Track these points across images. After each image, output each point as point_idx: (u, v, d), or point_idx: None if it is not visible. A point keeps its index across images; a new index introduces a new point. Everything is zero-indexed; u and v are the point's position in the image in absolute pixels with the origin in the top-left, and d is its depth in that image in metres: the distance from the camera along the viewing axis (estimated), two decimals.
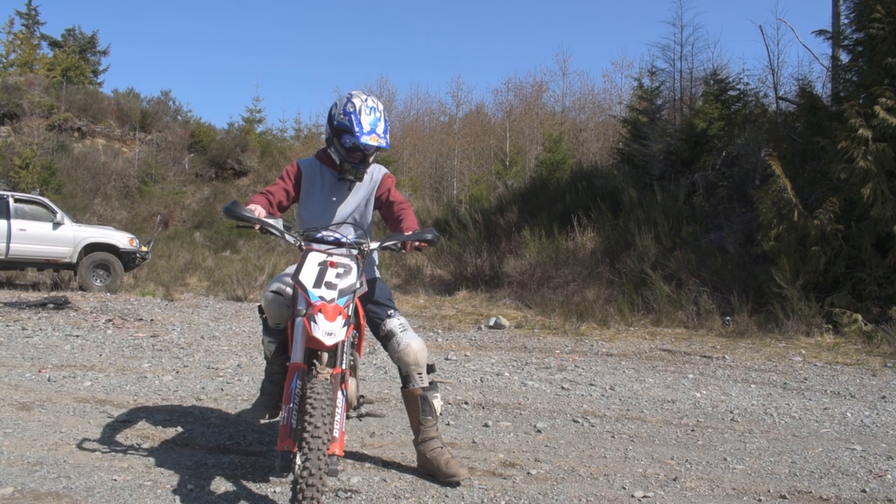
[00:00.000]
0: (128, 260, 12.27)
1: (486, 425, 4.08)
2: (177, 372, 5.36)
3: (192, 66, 66.37)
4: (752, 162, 10.79)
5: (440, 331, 8.22)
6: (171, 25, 67.77)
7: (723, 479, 3.24)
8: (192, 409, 4.25)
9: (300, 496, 2.25)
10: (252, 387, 4.91)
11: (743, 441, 3.91)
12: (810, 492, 3.11)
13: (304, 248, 2.80)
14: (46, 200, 12.38)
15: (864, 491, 3.13)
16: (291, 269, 3.06)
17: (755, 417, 4.47)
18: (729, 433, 4.07)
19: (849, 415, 4.57)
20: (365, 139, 2.95)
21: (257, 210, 2.93)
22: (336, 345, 2.59)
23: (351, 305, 2.67)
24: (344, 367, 2.66)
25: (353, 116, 2.97)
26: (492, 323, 8.65)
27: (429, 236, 2.94)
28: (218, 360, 5.96)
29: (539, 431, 4.00)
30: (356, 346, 2.97)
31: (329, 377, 2.55)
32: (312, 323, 2.54)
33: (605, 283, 9.89)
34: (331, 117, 3.09)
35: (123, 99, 28.99)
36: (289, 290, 2.95)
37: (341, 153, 3.07)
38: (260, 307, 3.12)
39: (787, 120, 10.85)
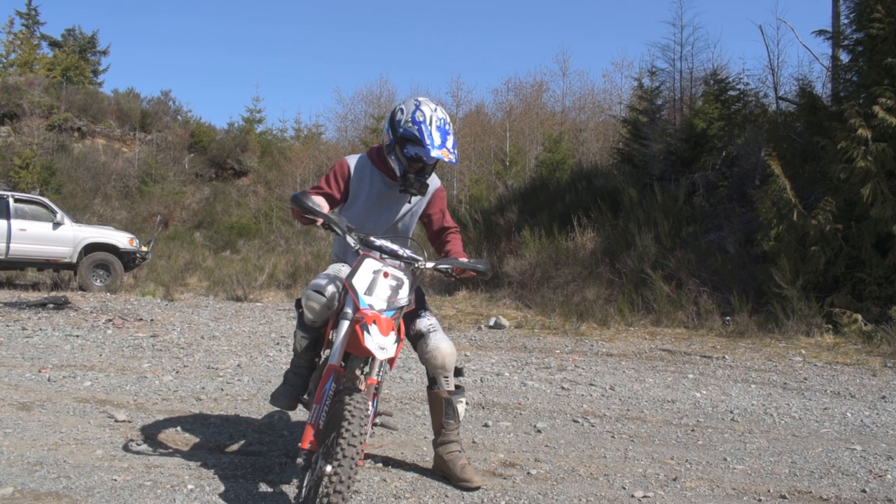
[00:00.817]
0: (128, 260, 12.28)
1: (486, 425, 4.08)
2: (177, 372, 5.36)
3: (191, 66, 66.54)
4: (752, 162, 10.78)
5: None
6: (171, 26, 67.90)
7: (723, 479, 3.24)
8: (192, 409, 4.25)
9: (324, 500, 2.23)
10: (252, 387, 4.92)
11: (743, 441, 3.91)
12: (810, 492, 3.11)
13: (361, 252, 2.75)
14: (46, 200, 12.38)
15: (864, 491, 3.13)
16: (336, 268, 3.02)
17: (755, 417, 4.47)
18: (729, 433, 4.07)
19: (849, 415, 4.57)
20: (436, 153, 2.82)
21: (323, 205, 2.87)
22: (387, 359, 2.58)
23: (398, 320, 2.65)
24: (379, 379, 2.65)
25: (423, 127, 2.83)
26: (492, 323, 8.65)
27: (481, 268, 2.92)
28: (218, 360, 5.96)
29: (539, 431, 4.00)
30: (391, 359, 2.96)
31: (365, 387, 2.57)
32: (366, 332, 2.48)
33: (605, 283, 9.89)
34: (395, 123, 2.92)
35: (123, 99, 29.02)
36: (335, 294, 2.89)
37: (403, 162, 2.93)
38: (299, 301, 3.05)
39: (787, 120, 10.84)
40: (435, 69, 65.52)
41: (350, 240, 2.76)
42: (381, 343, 2.49)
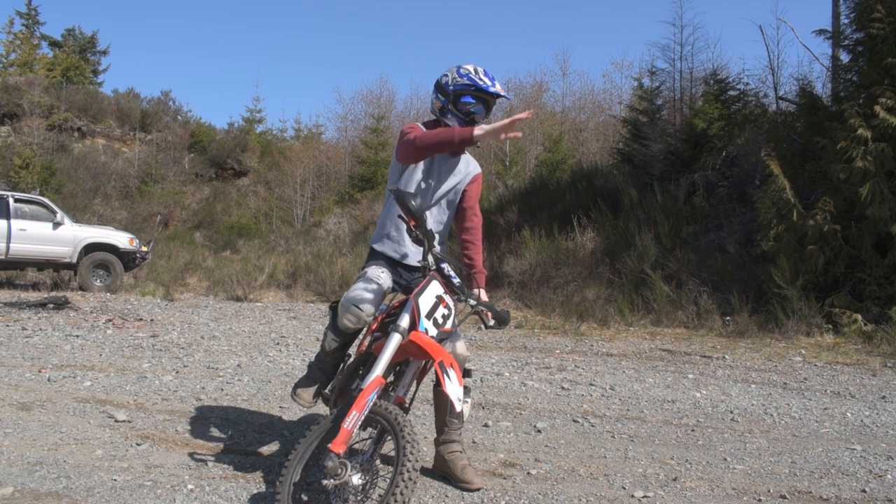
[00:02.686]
0: (128, 260, 12.27)
1: (486, 425, 4.08)
2: (177, 372, 5.36)
3: (191, 68, 66.66)
4: (752, 162, 10.78)
5: None
6: (172, 26, 67.98)
7: (723, 479, 3.24)
8: (191, 409, 4.25)
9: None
10: (252, 387, 4.92)
11: (743, 441, 3.91)
12: (810, 492, 3.11)
13: (430, 272, 2.83)
14: (46, 200, 12.38)
15: (864, 491, 3.13)
16: (375, 273, 3.04)
17: (755, 417, 4.47)
18: (729, 433, 4.07)
19: (849, 415, 4.57)
20: (495, 89, 3.04)
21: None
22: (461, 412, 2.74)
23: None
24: (407, 399, 2.86)
25: (472, 76, 3.06)
26: (491, 323, 8.64)
27: (506, 319, 3.18)
28: (218, 360, 5.96)
29: (539, 431, 4.00)
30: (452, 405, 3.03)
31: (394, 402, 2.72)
32: (446, 377, 2.59)
33: (605, 283, 9.89)
34: (443, 87, 3.11)
35: (123, 99, 29.04)
36: (373, 312, 2.97)
37: (460, 117, 3.09)
38: (334, 304, 3.12)
39: (787, 120, 10.84)
40: (435, 69, 65.55)
41: (430, 257, 2.84)
42: (458, 395, 2.60)
